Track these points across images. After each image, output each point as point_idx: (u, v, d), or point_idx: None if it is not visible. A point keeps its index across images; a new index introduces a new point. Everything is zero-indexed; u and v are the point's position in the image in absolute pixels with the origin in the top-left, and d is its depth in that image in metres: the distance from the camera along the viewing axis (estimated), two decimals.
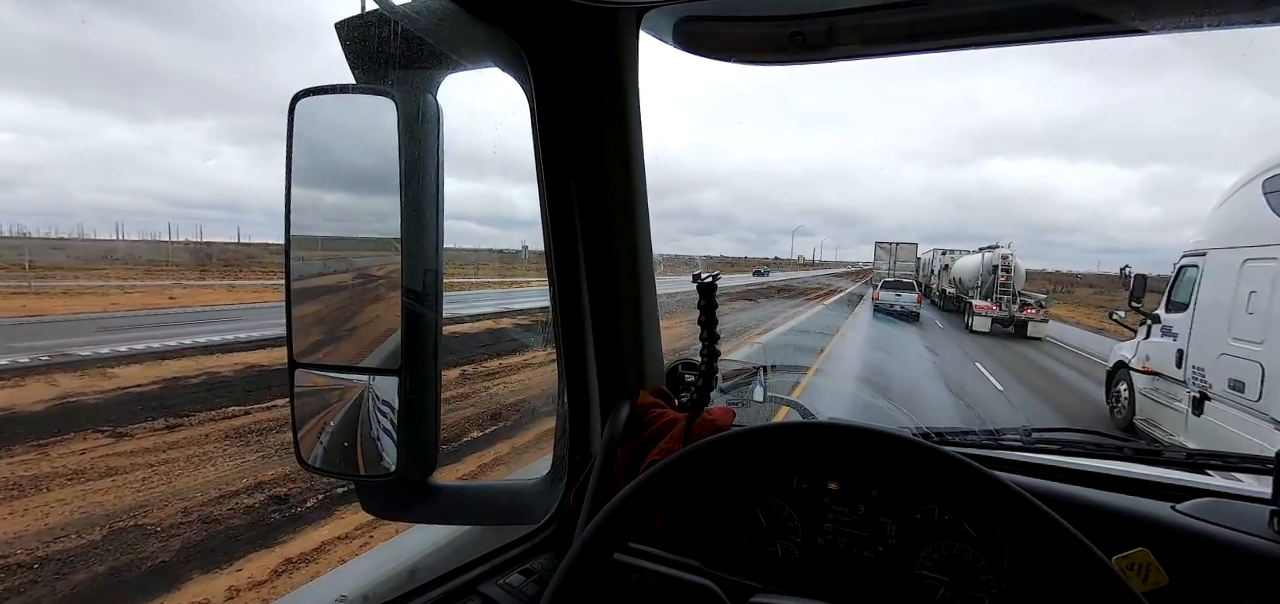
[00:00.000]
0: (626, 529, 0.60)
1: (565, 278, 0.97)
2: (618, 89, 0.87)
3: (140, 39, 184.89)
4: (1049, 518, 0.49)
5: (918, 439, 0.82)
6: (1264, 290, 5.02)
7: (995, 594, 0.82)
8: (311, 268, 1.13)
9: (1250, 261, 5.28)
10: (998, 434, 1.05)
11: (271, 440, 6.44)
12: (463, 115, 1.59)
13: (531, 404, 8.02)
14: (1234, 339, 5.34)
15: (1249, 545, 0.69)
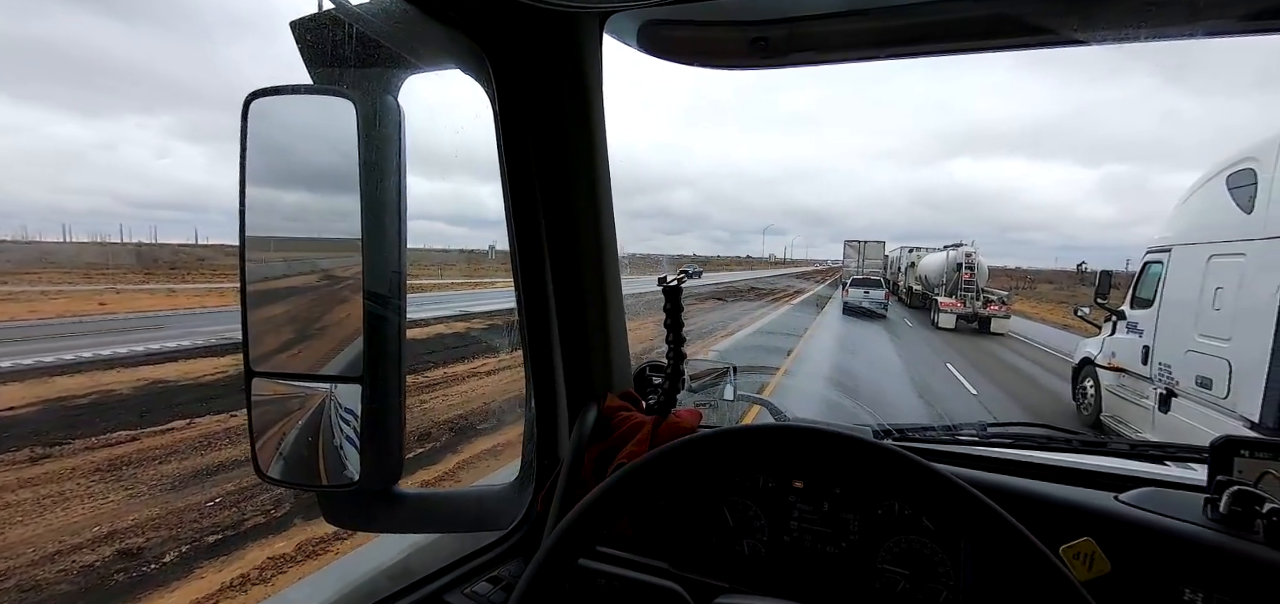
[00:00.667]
0: (592, 534, 0.60)
1: (531, 281, 0.96)
2: (581, 92, 0.87)
3: (89, 30, 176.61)
4: (990, 510, 0.50)
5: (871, 438, 0.84)
6: (1230, 287, 4.96)
7: (953, 585, 0.85)
8: (268, 272, 1.10)
9: (1216, 258, 5.24)
10: (955, 429, 1.08)
11: (151, 473, 5.53)
12: (428, 114, 1.56)
13: (500, 408, 7.76)
14: (1201, 336, 5.26)
15: (1184, 532, 0.73)
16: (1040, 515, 0.78)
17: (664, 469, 0.61)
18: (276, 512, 4.81)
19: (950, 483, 0.54)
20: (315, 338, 1.13)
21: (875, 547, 0.89)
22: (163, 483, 5.33)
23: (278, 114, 1.00)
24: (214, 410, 7.20)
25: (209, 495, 5.08)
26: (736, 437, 0.61)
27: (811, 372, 10.30)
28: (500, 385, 8.97)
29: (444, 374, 9.31)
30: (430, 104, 1.29)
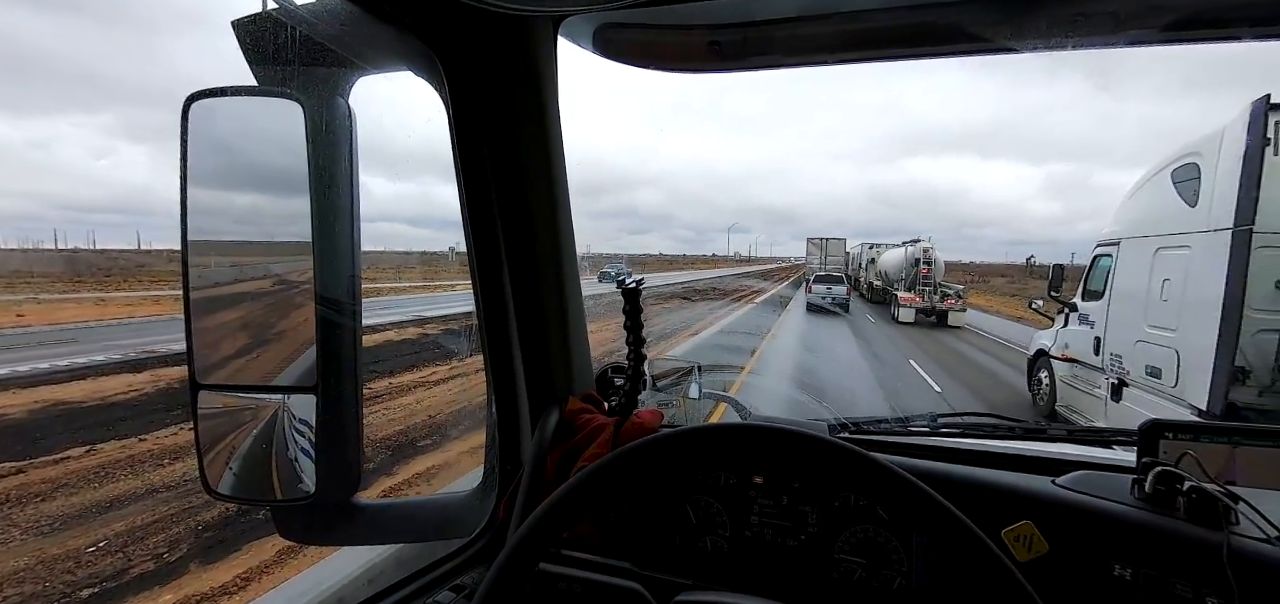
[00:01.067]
0: (553, 537, 0.60)
1: (489, 285, 0.96)
2: (536, 95, 0.86)
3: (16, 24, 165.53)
4: (932, 499, 0.53)
5: (827, 433, 0.87)
6: (1177, 279, 5.04)
7: (906, 572, 0.88)
8: (213, 278, 1.06)
9: (1162, 250, 5.32)
10: (907, 421, 1.12)
11: (29, 513, 4.70)
12: (386, 114, 1.53)
13: (462, 414, 7.46)
14: (1149, 326, 5.35)
15: (1114, 512, 0.77)
16: (984, 501, 0.82)
17: (624, 470, 0.61)
18: (170, 555, 4.20)
19: (895, 475, 0.56)
20: (265, 347, 1.09)
21: (833, 538, 0.91)
22: (40, 525, 4.55)
23: (221, 115, 0.96)
24: (121, 434, 6.32)
25: (94, 538, 4.38)
26: (693, 436, 0.62)
27: (777, 370, 10.19)
28: (459, 393, 8.56)
29: (390, 385, 8.72)
30: (387, 104, 1.27)
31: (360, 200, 1.01)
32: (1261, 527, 0.70)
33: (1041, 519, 0.79)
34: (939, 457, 0.97)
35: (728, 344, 13.53)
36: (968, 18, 0.79)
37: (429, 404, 7.82)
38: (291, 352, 1.07)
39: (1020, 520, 0.79)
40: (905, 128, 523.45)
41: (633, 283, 0.88)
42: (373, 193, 2.07)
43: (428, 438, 6.60)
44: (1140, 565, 0.73)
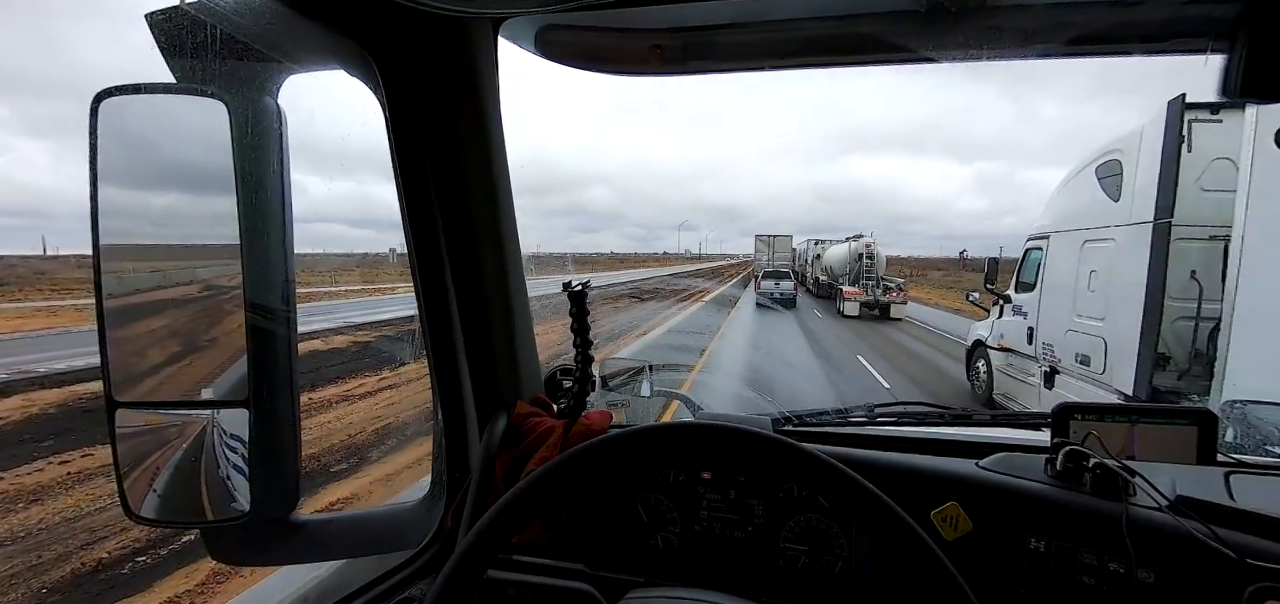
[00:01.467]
0: (501, 543, 0.60)
1: (432, 289, 0.94)
2: (476, 96, 0.85)
3: None
4: (863, 487, 0.55)
5: (770, 428, 0.89)
6: (1103, 270, 5.23)
7: (846, 556, 0.92)
8: (130, 286, 0.99)
9: (1089, 243, 5.51)
10: (846, 412, 1.17)
11: None
12: (321, 112, 1.46)
13: (408, 423, 7.02)
14: (1078, 316, 5.53)
15: (1029, 490, 0.83)
16: (915, 486, 0.87)
17: (572, 472, 0.62)
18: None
19: (830, 466, 0.59)
20: (191, 359, 1.04)
21: (778, 528, 0.95)
22: None
23: (136, 113, 0.91)
24: None
25: None
26: (640, 436, 0.63)
27: (728, 372, 9.99)
28: (399, 402, 7.92)
29: (318, 398, 7.92)
30: (323, 100, 1.22)
31: (292, 202, 0.97)
32: (1154, 497, 0.77)
33: (967, 500, 0.84)
34: (875, 445, 1.02)
35: (677, 345, 13.34)
36: (891, 30, 0.83)
37: (365, 417, 7.30)
38: (220, 363, 1.02)
39: (947, 502, 0.84)
40: (846, 128, 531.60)
41: (578, 285, 0.88)
42: (308, 193, 1.98)
43: (364, 453, 6.09)
44: (1052, 538, 0.79)
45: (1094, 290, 5.36)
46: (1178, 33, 0.85)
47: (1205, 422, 0.96)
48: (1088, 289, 5.44)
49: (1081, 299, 5.54)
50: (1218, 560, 0.68)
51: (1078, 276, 5.60)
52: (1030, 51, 0.90)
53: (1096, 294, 5.32)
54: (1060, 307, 5.89)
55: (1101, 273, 5.27)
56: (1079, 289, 5.57)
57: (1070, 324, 5.67)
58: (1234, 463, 0.95)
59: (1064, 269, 5.88)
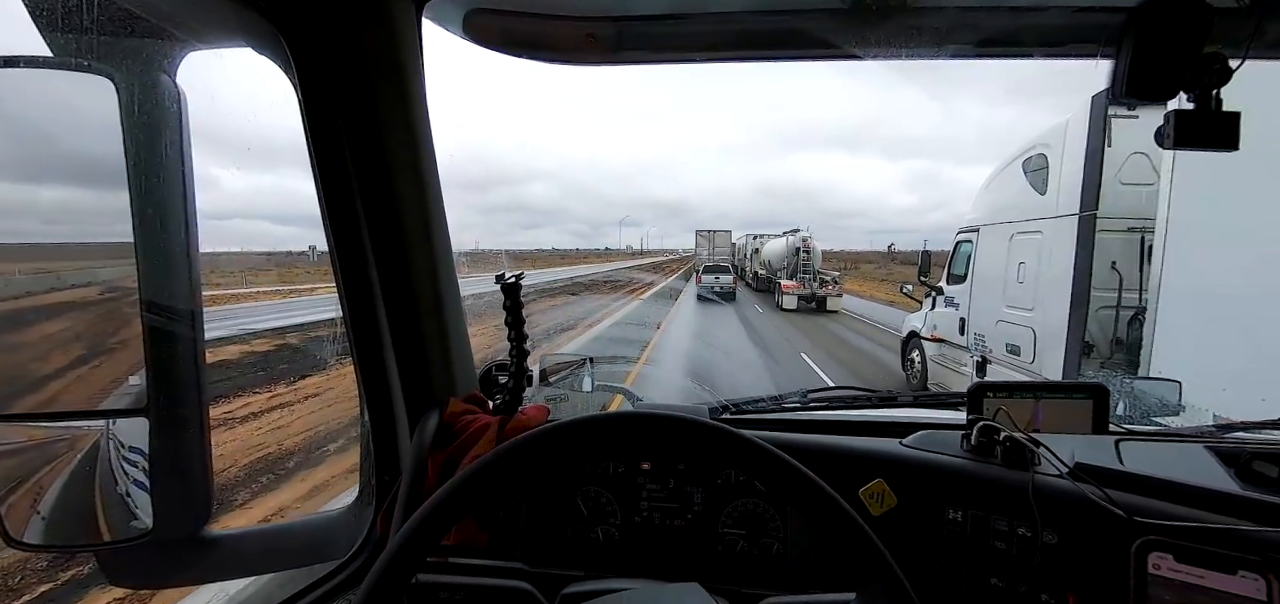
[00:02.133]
0: (430, 544, 0.57)
1: (355, 285, 0.88)
2: (399, 80, 0.81)
3: None
4: (794, 468, 0.57)
5: (707, 416, 0.90)
6: (1031, 262, 5.27)
7: (782, 537, 0.95)
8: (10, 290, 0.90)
9: (1018, 236, 5.56)
10: (781, 399, 1.21)
11: None
12: (232, 95, 1.35)
13: (337, 428, 6.55)
14: (1008, 307, 5.59)
15: (947, 464, 0.89)
16: (844, 465, 0.90)
17: (505, 467, 0.60)
18: None
19: (763, 450, 0.59)
20: (79, 366, 0.94)
21: (717, 514, 0.96)
22: None
23: (8, 92, 0.81)
24: None
25: None
26: (575, 427, 0.62)
27: (671, 366, 9.76)
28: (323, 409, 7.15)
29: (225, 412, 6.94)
30: (233, 83, 1.13)
31: (195, 194, 0.89)
32: (1056, 465, 0.84)
33: (891, 476, 0.88)
34: (808, 429, 1.05)
35: (621, 337, 13.15)
36: (818, 26, 0.86)
37: (285, 427, 6.58)
38: (115, 371, 0.93)
39: (874, 479, 0.88)
40: (787, 126, 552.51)
41: (511, 278, 0.86)
42: (223, 186, 1.78)
43: (283, 466, 5.48)
44: (968, 507, 0.84)
45: (1023, 282, 5.41)
46: (1073, 39, 0.93)
47: (1099, 395, 1.05)
48: (1017, 280, 5.50)
49: (1011, 290, 5.60)
50: (1110, 519, 0.74)
51: (1007, 268, 5.67)
52: (944, 51, 0.95)
53: (1026, 285, 5.36)
54: (990, 298, 5.95)
55: (1030, 264, 5.32)
56: (1009, 280, 5.64)
57: (1001, 314, 5.73)
58: (1124, 431, 1.05)
59: (994, 261, 5.94)
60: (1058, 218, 4.97)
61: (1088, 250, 4.63)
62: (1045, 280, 5.08)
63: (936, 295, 7.23)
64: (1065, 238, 4.82)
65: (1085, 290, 4.64)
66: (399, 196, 0.84)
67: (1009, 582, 0.80)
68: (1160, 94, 0.86)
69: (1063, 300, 4.75)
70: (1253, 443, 0.96)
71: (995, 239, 6.00)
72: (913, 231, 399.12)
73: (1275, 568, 0.64)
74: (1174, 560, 0.67)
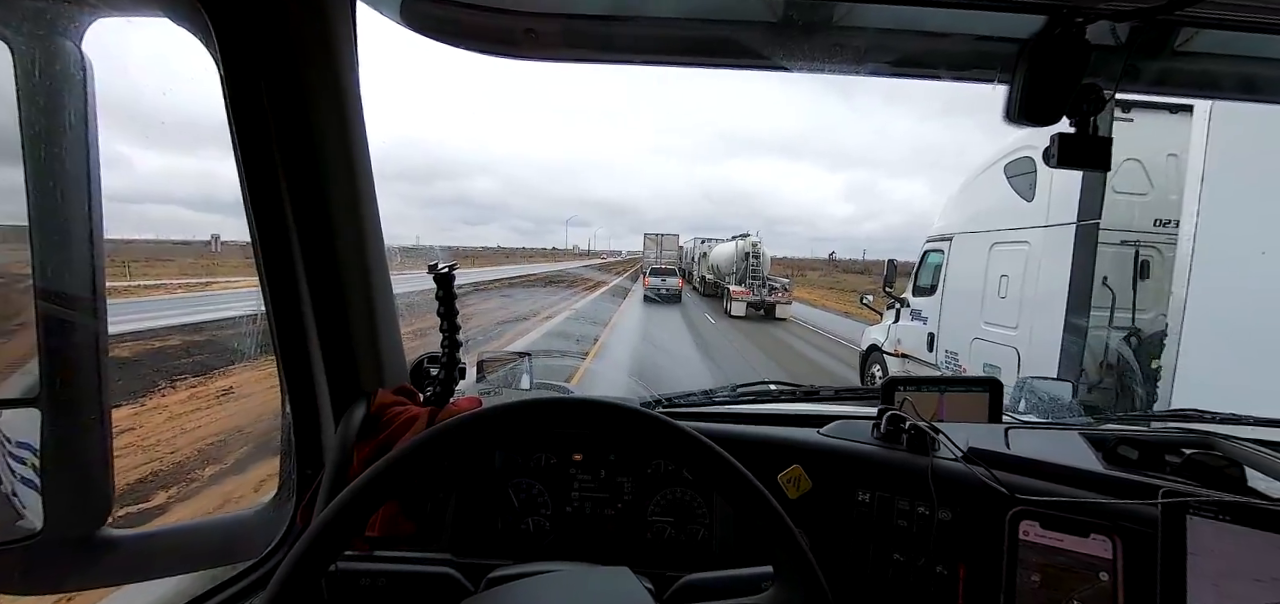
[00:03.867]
0: (349, 533, 0.56)
1: (277, 273, 0.86)
2: (330, 63, 0.79)
3: None
4: (715, 453, 0.60)
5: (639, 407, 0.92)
6: (1016, 275, 4.79)
7: (708, 523, 0.99)
8: None
9: (999, 246, 5.09)
10: (711, 393, 1.26)
11: None
12: (148, 66, 1.27)
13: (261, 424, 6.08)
14: (986, 324, 5.12)
15: (858, 451, 0.96)
16: (765, 453, 0.96)
17: (432, 452, 0.60)
18: None
19: (685, 434, 0.63)
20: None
21: (646, 502, 0.99)
22: None
23: None
24: None
25: None
26: (504, 413, 0.63)
27: (616, 367, 9.42)
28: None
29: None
30: (155, 57, 1.06)
31: (101, 173, 0.84)
32: (953, 449, 0.92)
33: (808, 463, 0.94)
34: (736, 421, 1.11)
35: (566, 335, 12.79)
36: (749, 37, 0.91)
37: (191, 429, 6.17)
38: (7, 359, 0.86)
39: (791, 465, 0.94)
40: (730, 132, 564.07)
41: (445, 268, 0.86)
42: (135, 167, 1.63)
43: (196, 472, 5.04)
44: (876, 489, 0.91)
45: (1005, 297, 4.94)
46: (975, 64, 1.02)
47: (995, 388, 1.16)
48: (998, 295, 5.02)
49: (990, 306, 5.13)
50: (995, 496, 0.82)
51: (986, 281, 5.18)
52: (864, 69, 1.02)
53: (1008, 301, 4.89)
54: (965, 312, 5.46)
55: (1014, 278, 4.84)
56: (987, 295, 5.17)
57: (977, 331, 5.24)
58: (1015, 421, 1.16)
59: (968, 273, 5.47)
60: (1050, 227, 4.50)
61: (1087, 263, 4.19)
62: (1032, 296, 4.61)
63: (901, 307, 6.76)
64: (1058, 249, 4.37)
65: (1083, 308, 4.20)
66: (327, 182, 0.82)
67: (909, 556, 0.88)
68: (1047, 118, 0.95)
69: (1053, 319, 4.30)
70: (1120, 432, 1.09)
71: (971, 249, 5.52)
72: (850, 239, 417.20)
73: (1121, 531, 0.73)
74: (1040, 527, 0.76)
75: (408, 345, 1.01)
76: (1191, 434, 1.03)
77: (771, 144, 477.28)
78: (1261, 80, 1.09)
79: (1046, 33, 0.89)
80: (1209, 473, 0.83)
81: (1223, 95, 1.35)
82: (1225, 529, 0.69)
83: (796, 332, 16.96)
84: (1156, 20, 0.84)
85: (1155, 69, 1.04)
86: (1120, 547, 0.73)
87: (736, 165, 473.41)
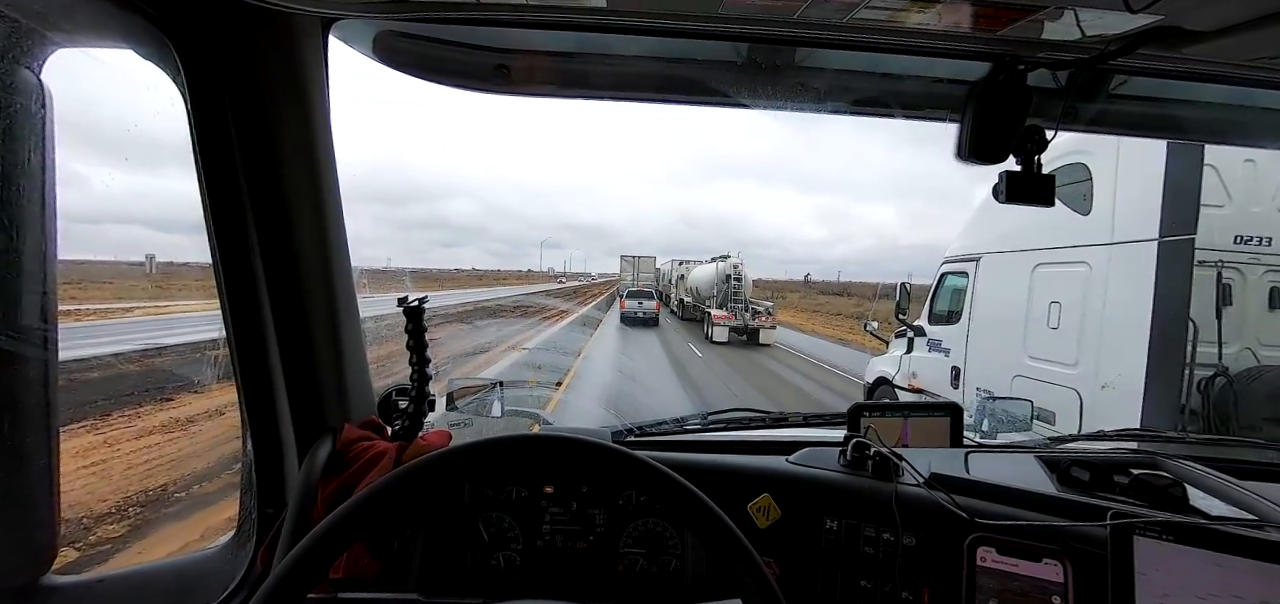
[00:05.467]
0: (314, 576, 0.55)
1: (240, 303, 0.84)
2: (300, 98, 0.79)
3: None
4: (680, 486, 0.61)
5: (610, 440, 0.93)
6: (1071, 301, 3.99)
7: (680, 555, 0.99)
8: None
9: (1044, 267, 4.31)
10: (684, 421, 1.27)
11: None
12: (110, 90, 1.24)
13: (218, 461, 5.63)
14: (1032, 358, 4.30)
15: (825, 478, 0.97)
16: (735, 483, 0.97)
17: (401, 491, 0.59)
18: None
19: (655, 471, 0.63)
20: None
21: (618, 534, 0.99)
22: None
23: None
24: None
25: None
26: (474, 451, 0.63)
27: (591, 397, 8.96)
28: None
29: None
30: (117, 78, 1.04)
31: (56, 201, 0.82)
32: (916, 475, 0.94)
33: (777, 491, 0.96)
34: (707, 449, 1.12)
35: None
36: (715, 76, 0.94)
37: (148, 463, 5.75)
38: None
39: (761, 494, 0.95)
40: (707, 157, 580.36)
41: (415, 301, 0.85)
42: (95, 188, 1.57)
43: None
44: (842, 516, 0.93)
45: (1057, 327, 4.11)
46: (929, 104, 1.07)
47: (955, 413, 1.20)
48: (1047, 325, 4.21)
49: (1037, 337, 4.31)
50: (955, 521, 0.85)
51: (1029, 309, 4.40)
52: (825, 107, 1.07)
53: (1062, 332, 4.06)
54: (1000, 345, 4.66)
55: (1069, 305, 4.03)
56: (1032, 325, 4.36)
57: (1020, 368, 4.40)
58: (975, 445, 1.20)
59: (1003, 299, 4.71)
60: (1118, 244, 3.69)
61: (1180, 288, 3.31)
62: (1098, 327, 3.77)
63: (915, 336, 5.90)
64: (1131, 270, 3.56)
65: (1178, 342, 3.32)
66: (294, 214, 0.81)
67: (876, 583, 0.89)
68: (994, 156, 1.01)
69: (1132, 355, 3.42)
70: (1073, 453, 1.13)
71: (1004, 271, 4.76)
72: (822, 262, 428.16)
73: (1071, 553, 0.76)
74: (996, 553, 0.78)
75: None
76: (1139, 454, 1.08)
77: (746, 169, 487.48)
78: (1188, 122, 1.17)
79: (992, 78, 0.94)
80: (1154, 493, 0.87)
81: (1155, 134, 1.44)
82: (1169, 548, 0.73)
83: (780, 357, 15.73)
84: (1093, 68, 0.90)
85: (1092, 110, 1.11)
86: (1070, 570, 0.76)
87: (713, 190, 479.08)
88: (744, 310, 19.28)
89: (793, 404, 10.50)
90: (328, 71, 0.84)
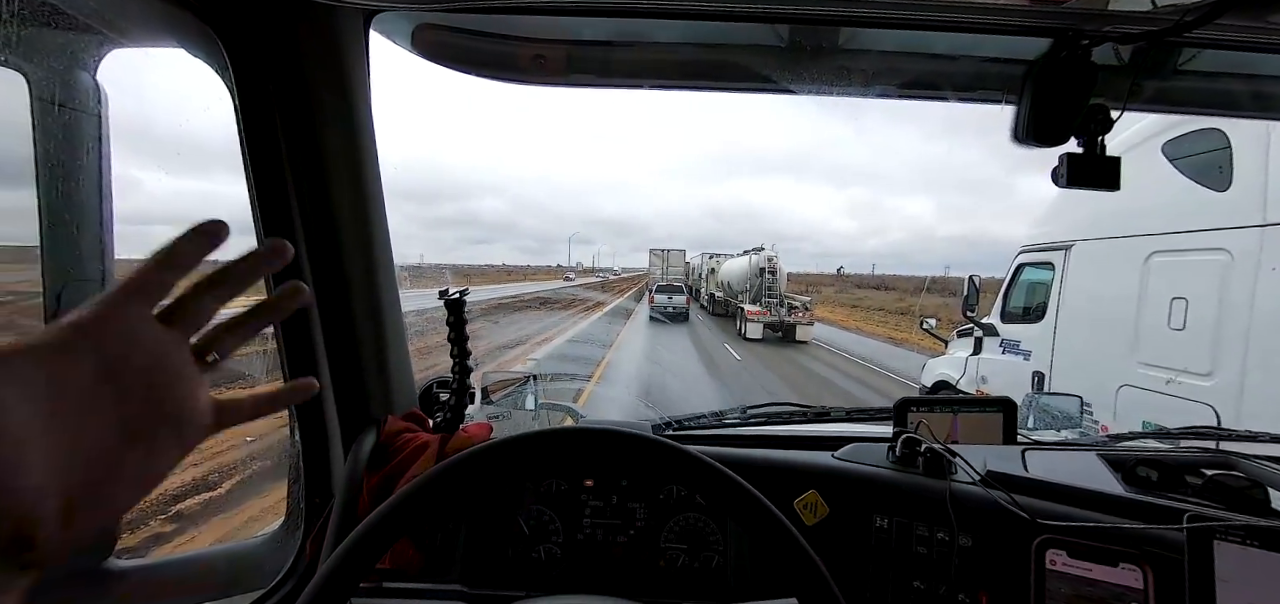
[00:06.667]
0: (364, 568, 0.55)
1: None
2: (343, 92, 0.80)
3: None
4: (730, 479, 0.59)
5: (650, 432, 0.92)
6: (1202, 297, 3.33)
7: (722, 550, 0.97)
8: None
9: (1162, 255, 3.63)
10: (722, 415, 1.25)
11: None
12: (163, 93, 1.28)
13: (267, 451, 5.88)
14: (1146, 366, 3.65)
15: (874, 475, 0.94)
16: (780, 478, 0.94)
17: (444, 486, 0.59)
18: None
19: (703, 463, 0.62)
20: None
21: (659, 529, 0.98)
22: None
23: None
24: None
25: None
26: (517, 444, 0.62)
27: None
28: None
29: None
30: (167, 84, 1.07)
31: (113, 198, 0.85)
32: (970, 473, 0.90)
33: (824, 487, 0.93)
34: (748, 444, 1.09)
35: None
36: (756, 61, 0.92)
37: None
38: None
39: (808, 491, 0.92)
40: (737, 151, 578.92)
41: (456, 294, 0.86)
42: (145, 188, 1.65)
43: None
44: (893, 514, 0.90)
45: (1182, 329, 3.46)
46: (981, 86, 1.03)
47: (1008, 408, 1.15)
48: (1167, 326, 3.54)
49: (1152, 340, 3.64)
50: (1016, 522, 0.81)
51: (1140, 307, 3.73)
52: (872, 91, 1.03)
53: (1189, 335, 3.41)
54: (1099, 349, 4.00)
55: (1199, 302, 3.38)
56: (1145, 325, 3.69)
57: (1129, 376, 3.75)
58: (1030, 441, 1.14)
59: (1103, 295, 4.03)
60: (1273, 226, 3.05)
61: None
62: (1242, 329, 3.12)
63: (985, 335, 5.21)
64: None
65: None
66: (338, 209, 0.82)
67: (930, 584, 0.86)
68: (1055, 139, 0.96)
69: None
70: (1137, 451, 1.07)
71: (1105, 261, 4.07)
72: (855, 255, 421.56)
73: (1151, 559, 0.72)
74: (1067, 556, 0.74)
75: None
76: (1210, 454, 1.01)
77: (777, 162, 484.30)
78: (1264, 96, 1.09)
79: (1052, 55, 0.89)
80: (1232, 495, 0.81)
81: (1226, 112, 1.36)
82: (1253, 554, 0.68)
83: (820, 356, 14.57)
84: (1165, 42, 0.85)
85: (1159, 88, 1.05)
86: (1151, 576, 0.71)
87: (743, 183, 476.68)
88: (779, 305, 18.22)
89: (825, 396, 10.06)
90: (369, 66, 0.85)
